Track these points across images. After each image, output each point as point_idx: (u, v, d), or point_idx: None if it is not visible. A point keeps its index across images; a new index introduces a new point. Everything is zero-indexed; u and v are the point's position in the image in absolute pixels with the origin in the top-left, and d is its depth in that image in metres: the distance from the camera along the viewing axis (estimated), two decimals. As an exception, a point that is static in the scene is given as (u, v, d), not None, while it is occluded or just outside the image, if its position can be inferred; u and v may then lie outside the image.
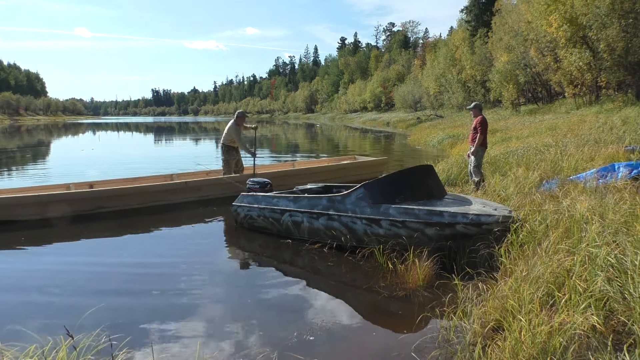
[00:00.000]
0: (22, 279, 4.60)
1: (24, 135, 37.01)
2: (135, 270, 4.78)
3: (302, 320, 3.52)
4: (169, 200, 7.55)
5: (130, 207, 7.18)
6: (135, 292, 4.16)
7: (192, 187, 7.81)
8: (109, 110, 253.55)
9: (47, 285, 4.37)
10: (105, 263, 5.02)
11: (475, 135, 6.82)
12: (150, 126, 60.56)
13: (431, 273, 4.04)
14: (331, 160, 11.41)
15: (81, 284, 4.40)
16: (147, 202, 7.39)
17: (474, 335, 2.87)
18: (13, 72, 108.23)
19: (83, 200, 6.92)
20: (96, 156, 17.60)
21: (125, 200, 7.20)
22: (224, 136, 8.53)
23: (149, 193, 7.44)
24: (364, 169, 10.13)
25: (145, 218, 6.88)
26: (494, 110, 29.87)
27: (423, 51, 59.66)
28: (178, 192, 7.67)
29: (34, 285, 4.37)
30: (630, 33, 16.56)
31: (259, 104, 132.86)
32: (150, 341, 3.11)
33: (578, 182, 5.52)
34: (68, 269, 4.81)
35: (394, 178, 4.96)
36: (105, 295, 4.07)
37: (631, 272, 2.78)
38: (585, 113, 17.33)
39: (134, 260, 5.14)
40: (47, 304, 3.91)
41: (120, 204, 7.13)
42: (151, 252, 5.49)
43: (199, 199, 7.77)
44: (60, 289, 4.27)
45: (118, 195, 7.17)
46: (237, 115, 8.57)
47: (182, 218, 6.99)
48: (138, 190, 7.39)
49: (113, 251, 5.48)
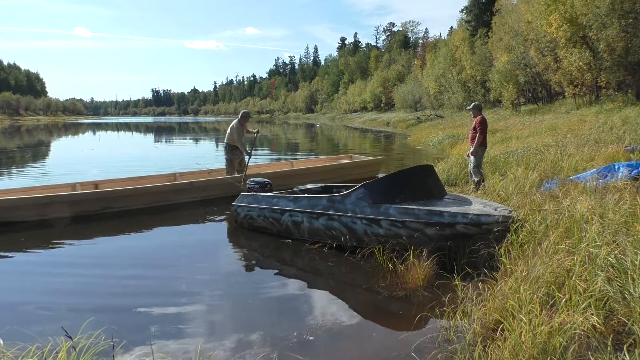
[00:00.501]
0: (22, 279, 4.60)
1: (24, 135, 37.01)
2: (135, 271, 4.78)
3: (302, 320, 3.52)
4: (173, 200, 7.58)
5: (135, 207, 7.21)
6: (136, 293, 4.15)
7: (197, 187, 7.84)
8: (109, 110, 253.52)
9: (47, 285, 4.37)
10: (105, 263, 5.02)
11: (474, 135, 6.83)
12: (150, 126, 60.53)
13: (431, 273, 4.04)
14: (327, 159, 11.40)
15: (81, 284, 4.40)
16: (152, 202, 7.41)
17: (474, 335, 2.88)
18: (13, 72, 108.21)
19: (92, 200, 6.93)
20: (96, 156, 17.60)
21: (130, 201, 7.21)
22: (227, 136, 8.55)
23: (154, 193, 7.47)
24: (361, 168, 10.19)
25: (146, 218, 6.88)
26: (494, 110, 29.87)
27: (423, 51, 59.67)
28: (183, 192, 7.69)
29: (34, 286, 4.37)
30: (630, 33, 16.55)
31: (259, 104, 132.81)
32: (150, 341, 3.11)
33: (578, 182, 5.52)
34: (68, 269, 4.81)
35: (394, 178, 4.95)
36: (105, 295, 4.08)
37: (631, 272, 2.78)
38: (585, 113, 17.33)
39: (134, 260, 5.15)
40: (47, 304, 3.91)
41: (125, 205, 7.15)
42: (151, 252, 5.48)
43: (202, 198, 7.80)
44: (61, 289, 4.27)
45: (124, 196, 7.18)
46: (242, 115, 8.58)
47: (182, 217, 6.99)
48: (145, 190, 7.42)
49: (113, 251, 5.47)
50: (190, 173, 9.14)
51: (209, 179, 8.22)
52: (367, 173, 10.03)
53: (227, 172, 8.54)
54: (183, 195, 7.67)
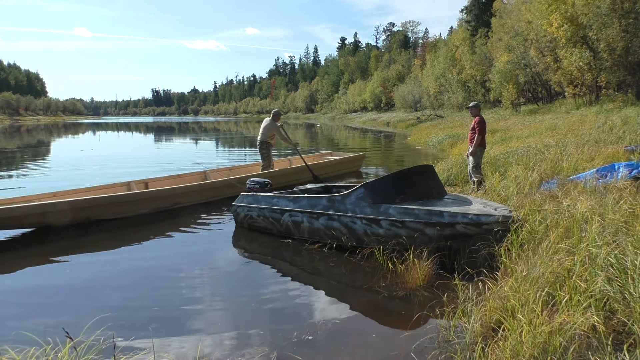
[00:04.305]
0: (22, 280, 4.60)
1: (24, 135, 36.99)
2: (135, 271, 4.79)
3: (302, 320, 3.52)
4: (225, 195, 7.75)
5: (199, 202, 7.55)
6: (136, 293, 4.16)
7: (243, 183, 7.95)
8: (109, 110, 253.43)
9: (48, 285, 4.38)
10: (106, 262, 5.03)
11: (473, 135, 6.83)
12: (151, 126, 60.53)
13: (431, 273, 4.04)
14: (308, 157, 11.49)
15: (82, 284, 4.40)
16: (211, 197, 7.70)
17: (474, 335, 2.87)
18: (13, 72, 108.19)
19: (166, 197, 7.20)
20: (97, 156, 17.59)
21: (195, 197, 7.52)
22: (262, 133, 8.99)
23: (213, 189, 7.79)
24: (343, 165, 10.69)
25: (147, 219, 6.87)
26: (494, 110, 29.85)
27: (423, 51, 59.69)
28: (234, 188, 7.70)
29: (35, 286, 4.37)
30: (631, 33, 16.55)
31: (259, 104, 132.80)
32: (150, 341, 3.11)
33: (578, 182, 5.51)
34: (69, 270, 4.82)
35: (394, 178, 4.95)
36: (106, 295, 4.08)
37: (631, 272, 2.78)
38: (585, 113, 17.31)
39: (134, 261, 5.15)
40: (47, 305, 3.91)
41: (190, 200, 7.46)
42: (151, 252, 5.49)
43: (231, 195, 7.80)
44: (61, 290, 4.27)
45: (193, 192, 7.49)
46: (274, 113, 9.22)
47: (184, 217, 6.98)
48: (209, 186, 7.72)
49: (113, 251, 5.48)
50: (219, 171, 9.36)
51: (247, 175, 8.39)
52: (348, 170, 10.77)
53: (264, 167, 8.96)
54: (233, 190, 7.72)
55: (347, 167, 10.82)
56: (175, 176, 8.69)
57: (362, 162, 11.67)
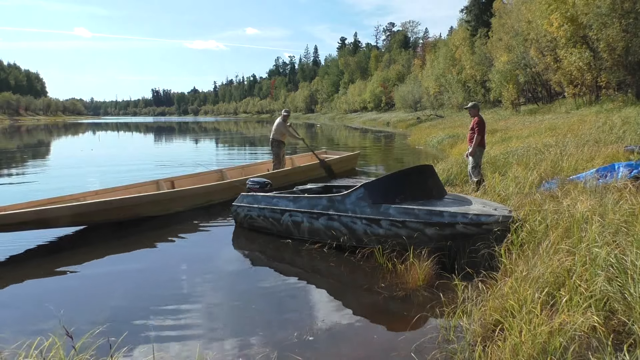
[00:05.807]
0: (23, 279, 4.60)
1: (24, 135, 36.99)
2: (135, 271, 4.79)
3: (302, 320, 3.52)
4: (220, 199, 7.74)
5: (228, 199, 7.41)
6: (136, 293, 4.16)
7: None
8: (109, 110, 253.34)
9: (48, 286, 4.37)
10: (106, 262, 5.02)
11: (473, 135, 6.82)
12: (151, 126, 60.51)
13: (431, 273, 4.04)
14: (304, 157, 11.68)
15: (82, 284, 4.40)
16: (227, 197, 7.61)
17: (473, 335, 2.87)
18: (13, 72, 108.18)
19: (201, 195, 7.28)
20: (97, 156, 17.59)
21: (225, 194, 7.49)
22: (274, 133, 9.25)
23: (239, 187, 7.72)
24: (338, 164, 10.74)
25: (147, 219, 6.86)
26: (493, 110, 29.83)
27: (423, 51, 59.64)
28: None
29: (35, 286, 4.37)
30: (631, 33, 16.54)
31: (259, 104, 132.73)
32: (150, 341, 3.11)
33: (578, 182, 5.51)
34: (69, 270, 4.81)
35: (394, 178, 4.95)
36: (106, 295, 4.08)
37: (631, 272, 2.78)
38: (585, 113, 17.30)
39: (134, 261, 5.16)
40: (47, 305, 3.91)
41: (221, 198, 7.46)
42: (151, 252, 5.49)
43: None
44: (62, 290, 4.27)
45: (224, 189, 7.54)
46: (284, 113, 9.57)
47: (183, 217, 6.97)
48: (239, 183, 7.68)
49: (113, 252, 5.46)
50: (231, 169, 9.44)
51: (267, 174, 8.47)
52: (343, 168, 10.90)
53: (275, 166, 9.15)
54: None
55: (342, 166, 10.95)
56: (194, 174, 8.74)
57: (357, 161, 11.82)
